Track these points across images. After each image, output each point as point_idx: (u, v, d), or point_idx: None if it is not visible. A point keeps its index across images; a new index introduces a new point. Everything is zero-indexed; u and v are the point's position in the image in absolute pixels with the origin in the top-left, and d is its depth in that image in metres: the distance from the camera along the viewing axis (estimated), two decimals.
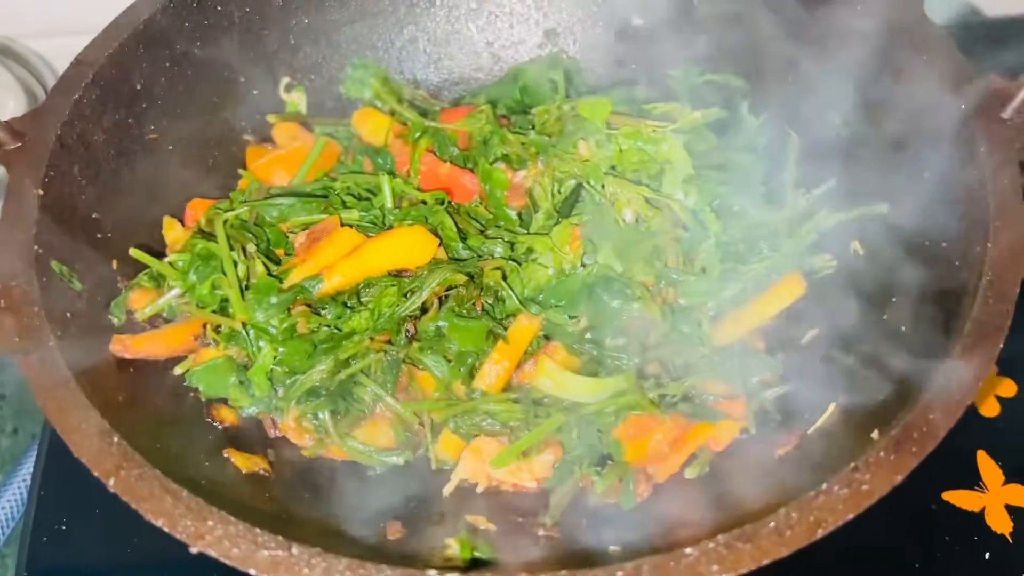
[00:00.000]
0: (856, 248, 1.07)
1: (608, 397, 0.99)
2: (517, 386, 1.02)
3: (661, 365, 1.03)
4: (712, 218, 1.08)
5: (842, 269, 1.07)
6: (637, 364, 1.01)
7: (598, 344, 1.03)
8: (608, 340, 1.03)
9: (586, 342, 1.03)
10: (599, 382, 0.99)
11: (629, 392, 0.98)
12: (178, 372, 1.00)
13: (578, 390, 0.99)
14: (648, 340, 1.03)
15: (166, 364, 1.01)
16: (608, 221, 1.07)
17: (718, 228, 1.07)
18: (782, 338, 1.05)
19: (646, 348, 1.03)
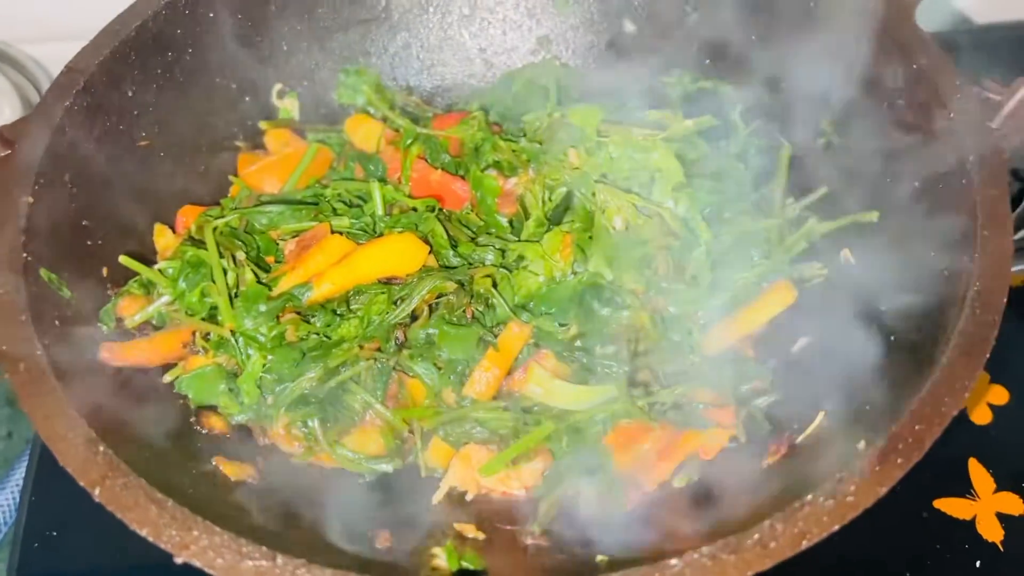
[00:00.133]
0: (846, 256, 1.07)
1: (598, 405, 0.98)
2: (507, 394, 1.02)
3: (651, 373, 1.03)
4: (703, 226, 1.08)
5: (832, 277, 1.07)
6: (627, 372, 1.01)
7: (588, 352, 1.03)
8: (598, 348, 1.03)
9: (576, 350, 1.03)
10: (589, 390, 0.99)
11: (619, 400, 0.98)
12: (167, 380, 1.00)
13: (568, 398, 0.99)
14: (638, 348, 1.03)
15: (155, 372, 1.00)
16: (599, 229, 1.07)
17: (709, 236, 1.07)
18: (772, 346, 1.05)
19: (636, 356, 1.03)
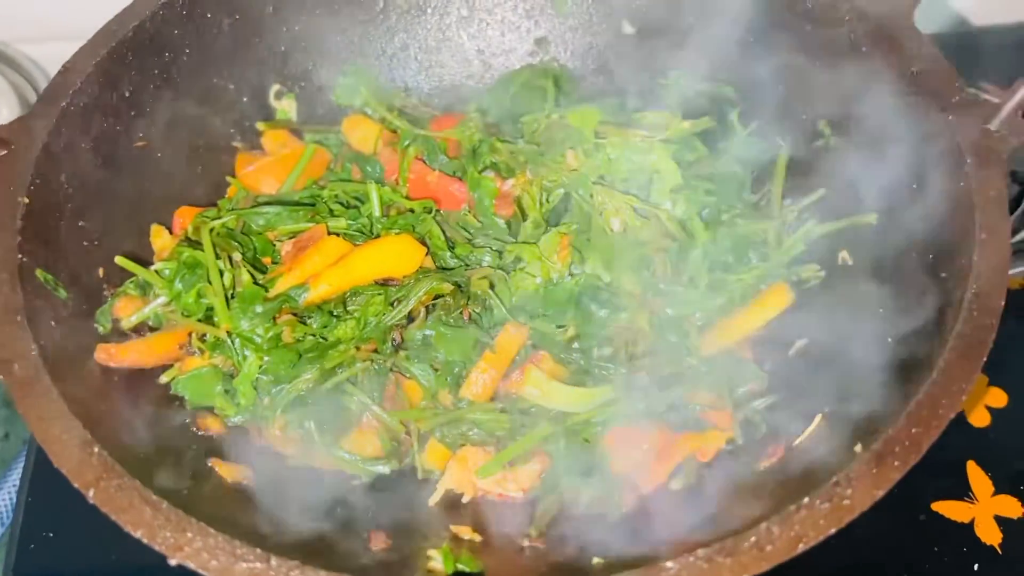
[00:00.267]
0: (844, 258, 1.07)
1: (595, 407, 0.98)
2: (504, 395, 1.01)
3: (648, 375, 1.02)
4: (700, 228, 1.08)
5: (830, 280, 1.07)
6: (624, 374, 1.01)
7: (585, 354, 1.03)
8: (595, 350, 1.03)
9: (573, 352, 1.03)
10: (586, 392, 0.99)
11: (616, 402, 0.98)
12: (163, 381, 1.00)
13: (565, 400, 0.99)
14: (635, 350, 1.03)
15: (151, 373, 1.00)
16: (596, 230, 1.07)
17: (706, 238, 1.07)
18: (770, 349, 1.05)
19: (633, 358, 1.03)
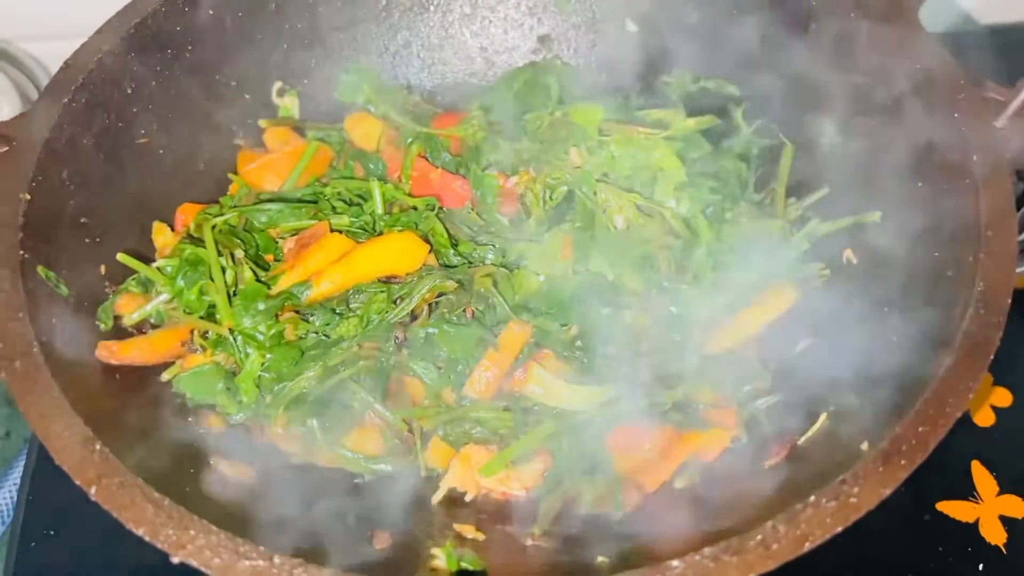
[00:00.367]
0: (849, 257, 1.06)
1: (598, 405, 0.98)
2: (507, 394, 1.01)
3: (652, 373, 1.02)
4: (704, 226, 1.08)
5: (834, 278, 1.07)
6: (627, 372, 1.00)
7: (589, 352, 1.02)
8: (599, 348, 1.02)
9: (577, 350, 1.03)
10: (589, 390, 0.99)
11: (619, 401, 0.97)
12: (165, 378, 0.99)
13: (568, 398, 0.98)
14: (639, 348, 1.03)
15: (153, 370, 1.00)
16: (600, 228, 1.07)
17: (710, 236, 1.07)
18: (774, 347, 1.04)
19: (637, 356, 1.02)
